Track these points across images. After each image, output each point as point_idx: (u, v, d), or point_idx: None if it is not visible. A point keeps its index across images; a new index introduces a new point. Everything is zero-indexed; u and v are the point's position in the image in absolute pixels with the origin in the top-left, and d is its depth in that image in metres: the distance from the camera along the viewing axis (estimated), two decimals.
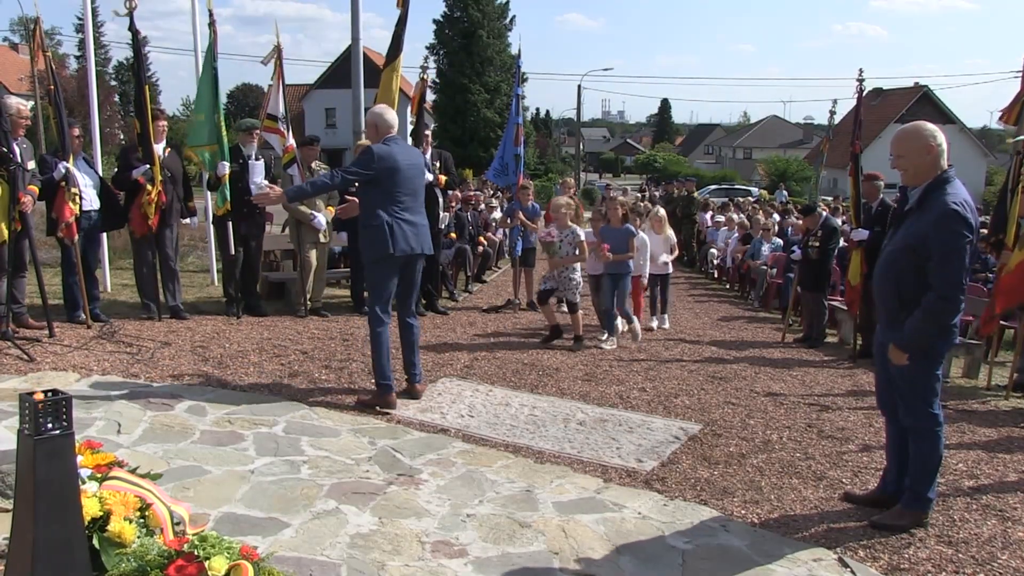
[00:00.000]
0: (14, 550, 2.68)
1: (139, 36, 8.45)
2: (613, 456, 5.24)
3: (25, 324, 7.60)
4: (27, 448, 2.61)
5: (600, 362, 7.79)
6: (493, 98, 51.52)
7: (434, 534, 4.00)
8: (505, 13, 54.31)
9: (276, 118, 8.93)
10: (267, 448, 4.97)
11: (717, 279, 17.25)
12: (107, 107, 41.02)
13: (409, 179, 5.95)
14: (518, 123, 11.46)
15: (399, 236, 5.79)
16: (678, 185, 21.25)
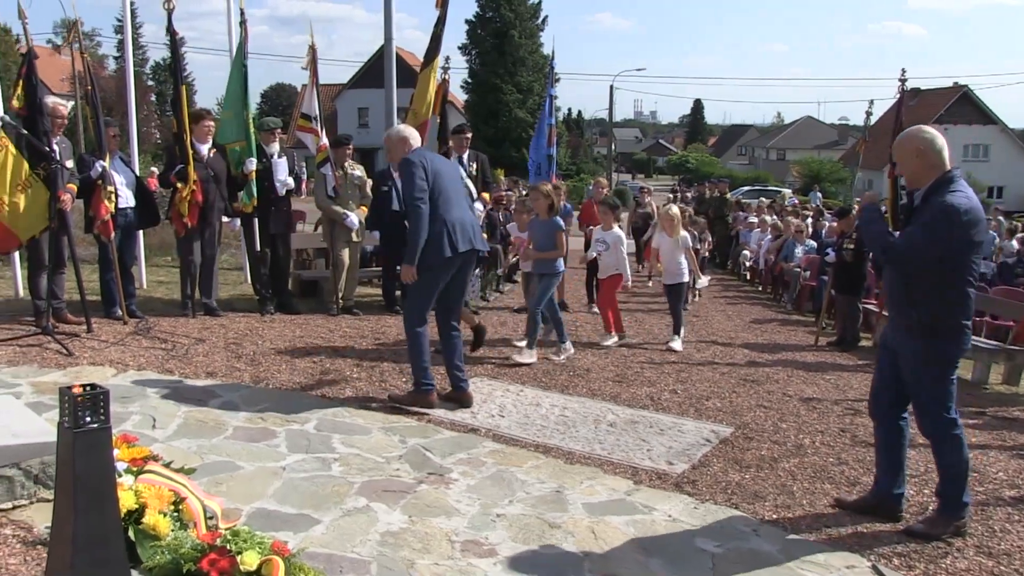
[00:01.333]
0: (55, 539, 2.73)
1: (176, 37, 8.56)
2: (643, 458, 5.23)
3: (64, 319, 7.72)
4: (66, 440, 2.65)
5: (631, 363, 7.76)
6: (525, 98, 51.58)
7: (464, 533, 4.00)
8: (537, 13, 54.37)
9: (310, 117, 8.99)
10: (299, 445, 5.01)
11: (750, 281, 17.15)
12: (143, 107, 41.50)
13: (452, 180, 5.94)
14: (551, 124, 11.46)
15: (458, 236, 5.73)
16: (711, 186, 21.14)
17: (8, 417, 4.23)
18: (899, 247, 4.10)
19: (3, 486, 3.77)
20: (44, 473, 3.85)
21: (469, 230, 5.83)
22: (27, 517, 3.72)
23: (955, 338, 4.13)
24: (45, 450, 3.81)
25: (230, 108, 8.83)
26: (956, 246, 4.00)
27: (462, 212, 5.90)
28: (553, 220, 7.83)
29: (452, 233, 5.70)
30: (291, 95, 67.58)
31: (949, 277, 4.05)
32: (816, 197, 33.07)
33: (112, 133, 8.19)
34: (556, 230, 7.77)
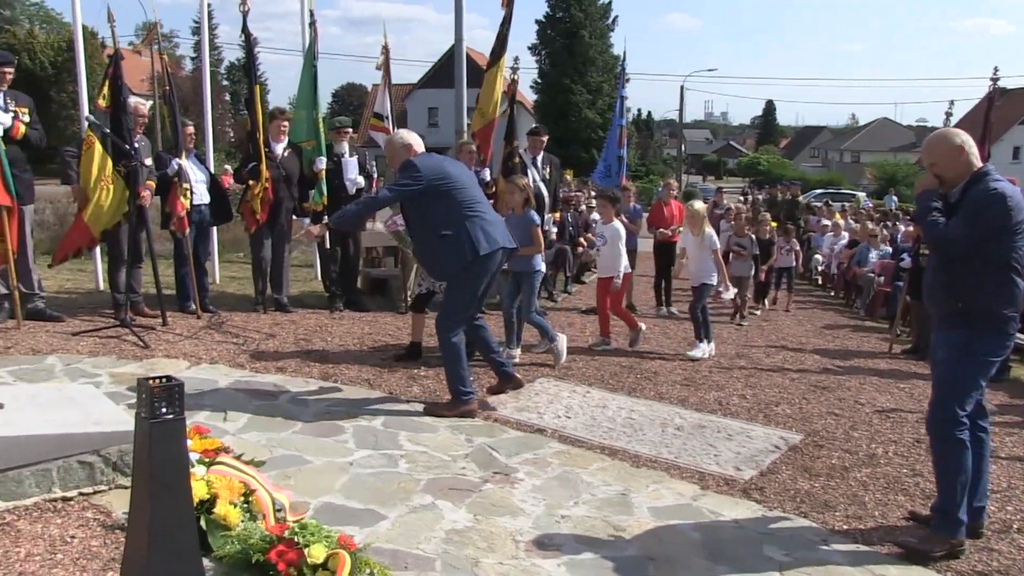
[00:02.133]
0: (133, 525, 2.80)
1: (251, 37, 8.72)
2: (711, 463, 5.16)
3: (141, 313, 7.92)
4: (143, 430, 2.71)
5: (699, 367, 7.68)
6: (595, 99, 51.42)
7: (528, 533, 4.00)
8: (607, 13, 54.16)
9: (382, 116, 9.10)
10: (366, 441, 5.06)
11: (821, 286, 16.84)
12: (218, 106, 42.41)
13: (467, 183, 5.77)
14: (621, 125, 11.41)
15: (482, 236, 5.57)
16: (782, 189, 20.82)
17: (89, 406, 4.36)
18: (950, 232, 3.95)
19: (84, 472, 3.89)
20: (122, 461, 3.96)
21: (491, 231, 5.66)
22: (106, 502, 3.84)
23: (997, 329, 3.97)
24: (123, 439, 3.92)
25: (301, 108, 8.96)
26: (1000, 231, 3.87)
27: (488, 213, 5.77)
28: (527, 214, 7.26)
29: (474, 235, 5.55)
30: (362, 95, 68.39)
31: (992, 265, 3.92)
32: (892, 201, 32.32)
33: (189, 132, 8.38)
34: (531, 225, 7.22)
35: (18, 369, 5.96)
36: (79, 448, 3.90)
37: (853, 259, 14.29)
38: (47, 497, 3.79)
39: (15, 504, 3.70)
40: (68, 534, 3.54)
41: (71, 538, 3.51)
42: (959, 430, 3.96)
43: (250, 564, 3.26)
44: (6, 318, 7.24)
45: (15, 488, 3.72)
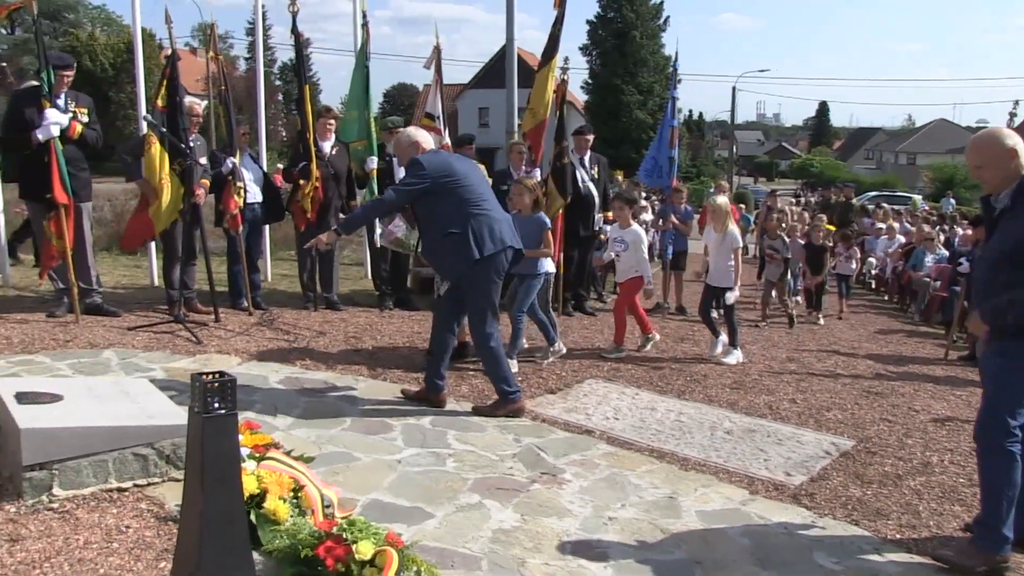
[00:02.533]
0: (185, 517, 2.84)
1: (301, 38, 8.83)
2: (760, 468, 5.11)
3: (194, 309, 8.05)
4: (196, 424, 2.75)
5: (749, 371, 7.60)
6: (646, 99, 51.21)
7: (575, 534, 3.99)
8: (659, 13, 53.90)
9: (434, 117, 9.13)
10: (414, 439, 5.09)
11: (875, 290, 16.58)
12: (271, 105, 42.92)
13: (475, 180, 5.67)
14: (673, 125, 11.34)
15: (488, 235, 5.46)
16: (836, 191, 20.58)
17: (144, 400, 4.44)
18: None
19: (139, 464, 3.97)
20: (175, 454, 4.03)
21: (498, 229, 5.53)
22: (159, 494, 3.91)
23: None
24: (176, 432, 3.99)
25: (353, 108, 9.04)
26: None
27: (495, 211, 5.64)
28: (538, 216, 7.06)
29: (480, 234, 5.44)
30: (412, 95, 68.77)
31: None
32: (949, 204, 31.69)
33: (242, 131, 8.50)
34: (542, 228, 7.02)
35: (76, 362, 6.08)
36: (134, 441, 3.98)
37: (908, 263, 14.04)
38: (104, 487, 3.88)
39: (74, 493, 3.80)
40: (123, 524, 3.62)
41: (126, 528, 3.59)
42: (1009, 441, 3.80)
43: (298, 559, 3.29)
44: (65, 312, 7.41)
45: (74, 477, 3.81)
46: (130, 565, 3.30)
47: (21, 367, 5.90)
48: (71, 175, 7.13)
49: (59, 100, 7.23)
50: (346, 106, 9.27)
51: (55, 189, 6.98)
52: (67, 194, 7.05)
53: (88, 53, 41.51)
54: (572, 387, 6.55)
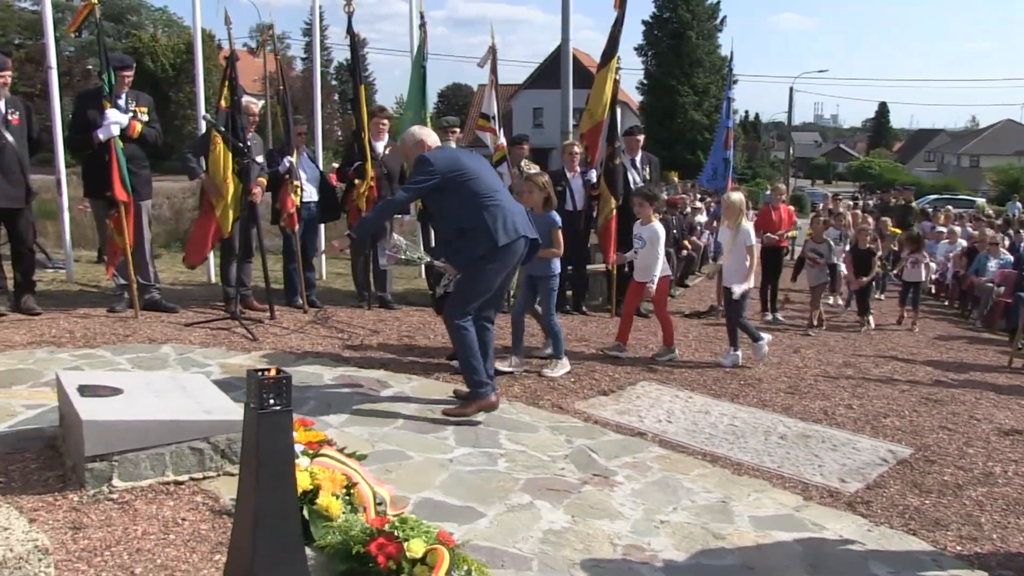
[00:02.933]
0: (240, 512, 2.87)
1: (356, 38, 8.90)
2: (815, 474, 5.03)
3: (250, 306, 8.16)
4: (252, 420, 2.78)
5: (805, 375, 7.49)
6: (701, 100, 50.86)
7: (626, 537, 3.96)
8: (715, 14, 53.49)
9: (489, 117, 9.16)
10: (466, 439, 5.09)
11: (935, 295, 16.24)
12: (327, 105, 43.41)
13: (485, 174, 5.54)
14: (728, 126, 11.25)
15: (502, 226, 5.31)
16: (895, 194, 20.20)
17: (200, 395, 4.50)
18: None
19: (195, 457, 4.03)
20: (230, 449, 4.08)
21: (511, 220, 5.39)
22: (214, 488, 3.96)
23: None
24: (232, 427, 4.04)
25: (410, 108, 9.10)
26: None
27: (508, 202, 5.52)
28: (548, 215, 6.79)
29: (493, 226, 5.30)
30: (467, 95, 68.98)
31: None
32: (1016, 207, 30.90)
33: (299, 130, 8.59)
34: (553, 227, 6.75)
35: (135, 357, 6.20)
36: (191, 435, 4.04)
37: (970, 267, 13.74)
38: (161, 480, 3.95)
39: (132, 484, 3.87)
40: (180, 516, 3.67)
41: (182, 520, 3.64)
42: None
43: (350, 555, 3.31)
44: (125, 308, 7.56)
45: (133, 469, 3.88)
46: (186, 557, 3.36)
47: (83, 360, 6.04)
48: (131, 173, 7.28)
49: (120, 100, 7.39)
50: (403, 106, 9.33)
51: (115, 187, 7.13)
52: (127, 192, 7.20)
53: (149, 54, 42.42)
54: (625, 389, 6.52)
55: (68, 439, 4.16)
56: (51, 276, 9.19)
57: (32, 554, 2.41)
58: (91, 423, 3.81)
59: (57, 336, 6.67)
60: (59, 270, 9.44)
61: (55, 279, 9.11)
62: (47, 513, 3.62)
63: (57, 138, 8.67)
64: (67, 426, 4.23)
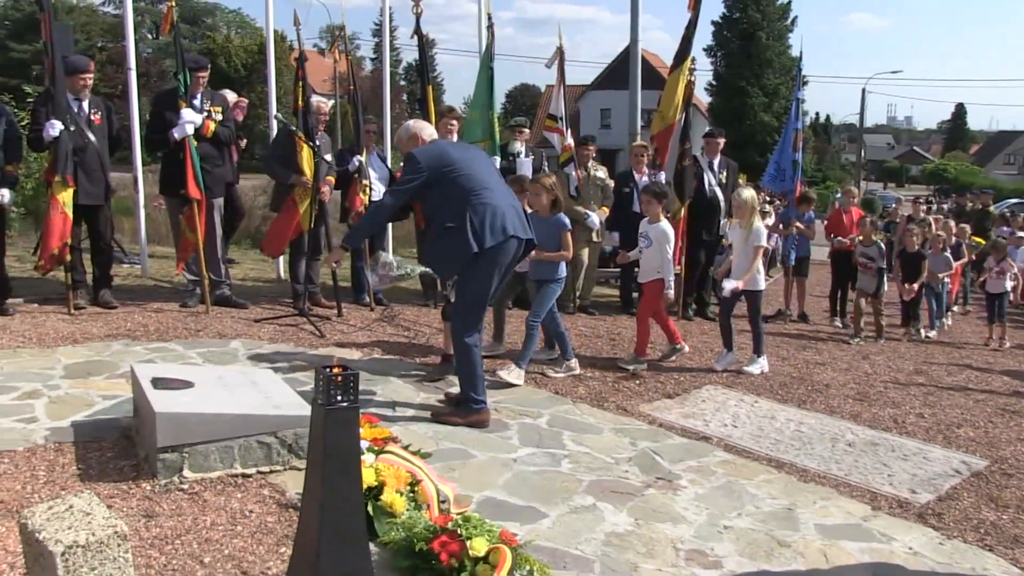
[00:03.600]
0: (305, 506, 2.91)
1: (425, 39, 8.97)
2: (884, 483, 4.92)
3: (318, 303, 8.27)
4: (319, 416, 2.81)
5: (874, 382, 7.34)
6: (771, 102, 50.09)
7: (689, 542, 3.92)
8: (786, 14, 52.62)
9: (556, 118, 9.16)
10: (530, 439, 5.10)
11: (1012, 302, 15.74)
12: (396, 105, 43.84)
13: (476, 167, 5.22)
14: (797, 128, 11.06)
15: (488, 226, 5.01)
16: (972, 198, 19.62)
17: (269, 390, 4.58)
18: None
19: (263, 451, 4.10)
20: (297, 444, 4.14)
21: (499, 219, 5.07)
22: (281, 481, 4.04)
23: None
24: (299, 423, 4.10)
25: (476, 108, 9.13)
26: None
27: (500, 200, 5.17)
28: (557, 218, 6.52)
29: (478, 226, 5.01)
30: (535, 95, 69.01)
31: None
32: None
33: (369, 130, 8.68)
34: (561, 229, 6.50)
35: (206, 351, 6.33)
36: (259, 429, 4.11)
37: None
38: (229, 472, 4.03)
39: (202, 476, 3.96)
40: (247, 508, 3.75)
41: (249, 512, 3.71)
42: None
43: (413, 552, 3.34)
44: (197, 303, 7.72)
45: (202, 461, 3.97)
46: (252, 548, 3.42)
47: (156, 353, 6.19)
48: (204, 171, 7.45)
49: (195, 100, 7.55)
50: (470, 107, 9.37)
51: (189, 185, 7.30)
52: (200, 190, 7.36)
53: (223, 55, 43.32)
54: (690, 392, 6.46)
55: (142, 430, 4.27)
56: (127, 271, 9.43)
57: (112, 539, 2.47)
58: (164, 415, 3.90)
59: (132, 329, 6.84)
60: (134, 266, 9.70)
61: (130, 274, 9.35)
62: (122, 500, 3.73)
63: (135, 137, 8.92)
64: (141, 417, 4.34)
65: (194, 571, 3.22)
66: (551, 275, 6.53)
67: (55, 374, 5.53)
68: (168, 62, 40.47)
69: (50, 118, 6.88)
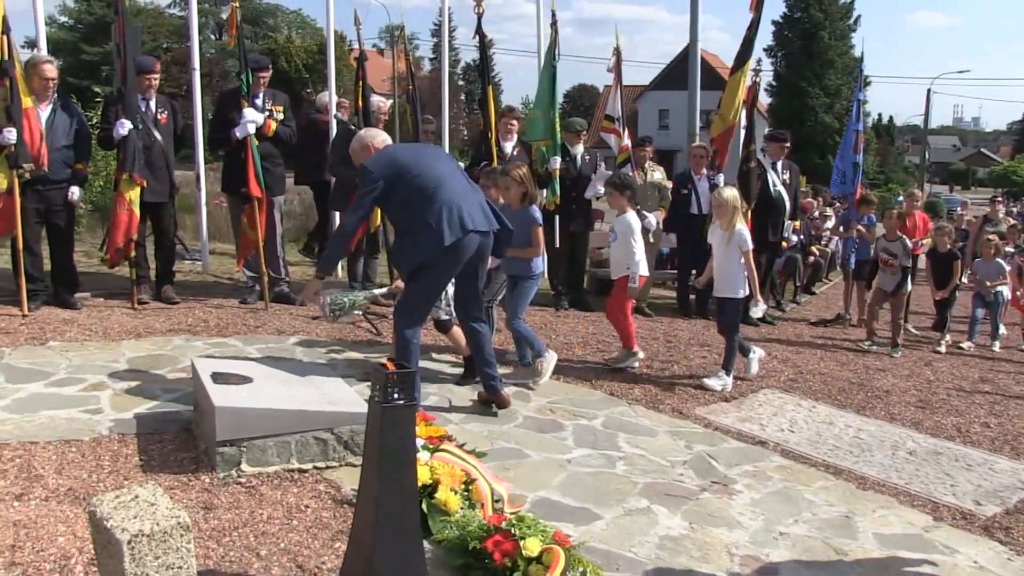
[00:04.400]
0: (361, 503, 2.94)
1: (485, 39, 8.98)
2: (946, 493, 4.81)
3: (376, 302, 8.33)
4: (375, 413, 2.84)
5: (937, 389, 7.18)
6: (832, 102, 49.37)
7: (744, 547, 3.88)
8: (849, 13, 51.82)
9: (613, 118, 9.12)
10: (585, 440, 5.09)
11: None
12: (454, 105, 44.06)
13: (426, 165, 5.05)
14: (858, 129, 10.88)
15: (446, 223, 4.85)
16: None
17: (326, 386, 4.63)
18: None
19: (319, 447, 4.15)
20: (353, 440, 4.19)
21: (456, 215, 4.90)
22: (336, 477, 4.08)
23: None
24: (355, 419, 4.14)
25: (538, 108, 9.12)
26: None
27: (451, 194, 4.97)
28: (527, 211, 6.16)
29: (437, 224, 4.85)
30: (593, 96, 68.88)
31: None
32: None
33: (428, 129, 8.74)
34: (531, 223, 6.11)
35: (264, 347, 6.41)
36: (315, 425, 4.16)
37: None
38: (286, 467, 4.08)
39: (259, 470, 4.02)
40: (303, 503, 3.79)
41: (305, 507, 3.76)
42: None
43: (466, 550, 3.35)
44: (256, 300, 7.83)
45: (260, 456, 4.03)
46: (307, 542, 3.46)
47: (216, 349, 6.29)
48: (265, 170, 7.56)
49: (257, 99, 7.67)
50: (532, 106, 9.37)
51: (250, 183, 7.42)
52: (260, 188, 7.47)
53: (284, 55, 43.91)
54: (747, 396, 6.39)
55: (201, 423, 4.35)
56: (188, 268, 9.61)
57: (175, 530, 2.53)
58: (223, 409, 3.97)
59: (193, 325, 6.97)
60: (195, 262, 9.88)
61: (192, 271, 9.53)
62: (181, 492, 3.80)
63: (198, 135, 9.08)
64: (201, 411, 4.42)
65: (251, 563, 3.27)
66: (525, 272, 6.22)
67: (119, 367, 5.66)
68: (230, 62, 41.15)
69: (120, 117, 7.04)
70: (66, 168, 7.03)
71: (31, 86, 6.73)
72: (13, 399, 4.91)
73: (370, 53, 56.28)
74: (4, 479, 3.87)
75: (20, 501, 3.66)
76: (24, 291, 6.83)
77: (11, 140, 6.51)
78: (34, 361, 5.66)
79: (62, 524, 3.44)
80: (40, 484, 3.83)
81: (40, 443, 4.28)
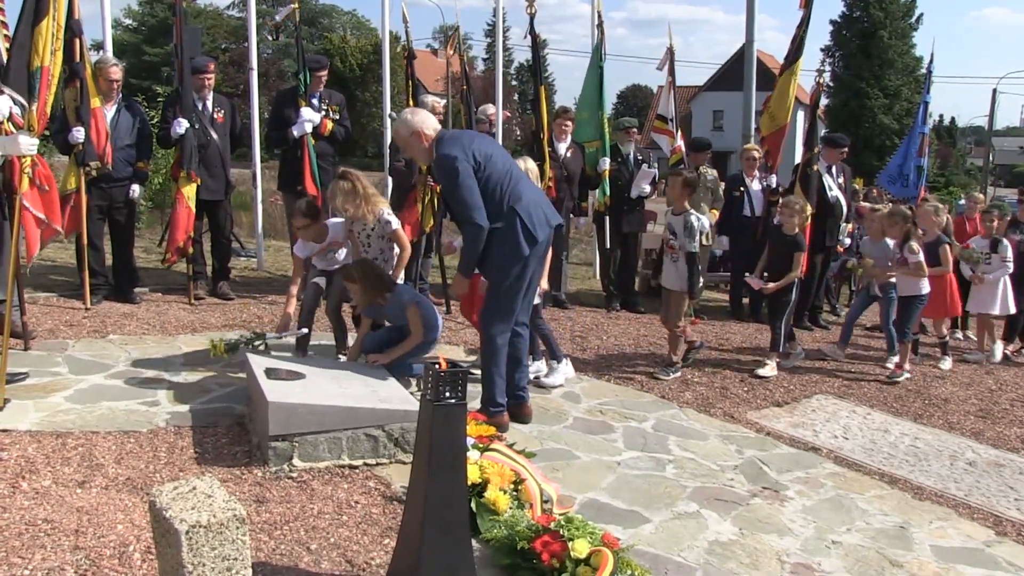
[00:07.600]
0: (411, 499, 2.96)
1: (538, 39, 8.98)
2: (1009, 507, 4.69)
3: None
4: (427, 412, 2.85)
5: (999, 398, 7.01)
6: (892, 103, 48.45)
7: (795, 555, 3.83)
8: (911, 11, 50.79)
9: (666, 119, 9.06)
10: (635, 442, 5.06)
11: None
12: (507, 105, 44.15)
13: (503, 157, 4.91)
14: (923, 132, 10.67)
15: (535, 223, 4.75)
16: None
17: (376, 384, 4.68)
18: None
19: (369, 444, 4.19)
20: (403, 438, 4.21)
21: (539, 212, 4.80)
22: (386, 474, 4.12)
23: None
24: (406, 417, 4.17)
25: (586, 109, 9.09)
26: None
27: (529, 191, 4.87)
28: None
29: (527, 222, 4.71)
30: (646, 96, 68.53)
31: None
32: None
33: (482, 129, 8.76)
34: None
35: (317, 344, 6.47)
36: (366, 422, 4.20)
37: None
38: (337, 463, 4.13)
39: (311, 465, 4.06)
40: (353, 499, 3.83)
41: (355, 503, 3.79)
42: None
43: (514, 550, 3.35)
44: None
45: (311, 451, 4.07)
46: (357, 538, 3.49)
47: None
48: (321, 168, 7.65)
49: (314, 99, 7.76)
50: (578, 107, 9.34)
51: (306, 181, 7.51)
52: (316, 186, 7.55)
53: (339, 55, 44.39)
54: (800, 401, 6.30)
55: (254, 418, 4.41)
56: (243, 264, 9.75)
57: (231, 522, 2.57)
58: (276, 404, 4.02)
59: (247, 320, 7.07)
60: (250, 259, 10.01)
61: (247, 267, 9.66)
62: (234, 485, 3.86)
63: (254, 134, 9.21)
64: (254, 406, 4.48)
65: (301, 557, 3.30)
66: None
67: (176, 361, 5.77)
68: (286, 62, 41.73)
69: (178, 116, 7.18)
70: (128, 166, 7.21)
71: (98, 87, 6.91)
72: (76, 389, 5.05)
73: (423, 53, 56.59)
74: (68, 466, 3.98)
75: (83, 488, 3.76)
76: (87, 285, 7.01)
77: (79, 139, 6.69)
78: (95, 353, 5.80)
79: (121, 512, 3.52)
80: (101, 473, 3.93)
81: (101, 433, 4.39)
